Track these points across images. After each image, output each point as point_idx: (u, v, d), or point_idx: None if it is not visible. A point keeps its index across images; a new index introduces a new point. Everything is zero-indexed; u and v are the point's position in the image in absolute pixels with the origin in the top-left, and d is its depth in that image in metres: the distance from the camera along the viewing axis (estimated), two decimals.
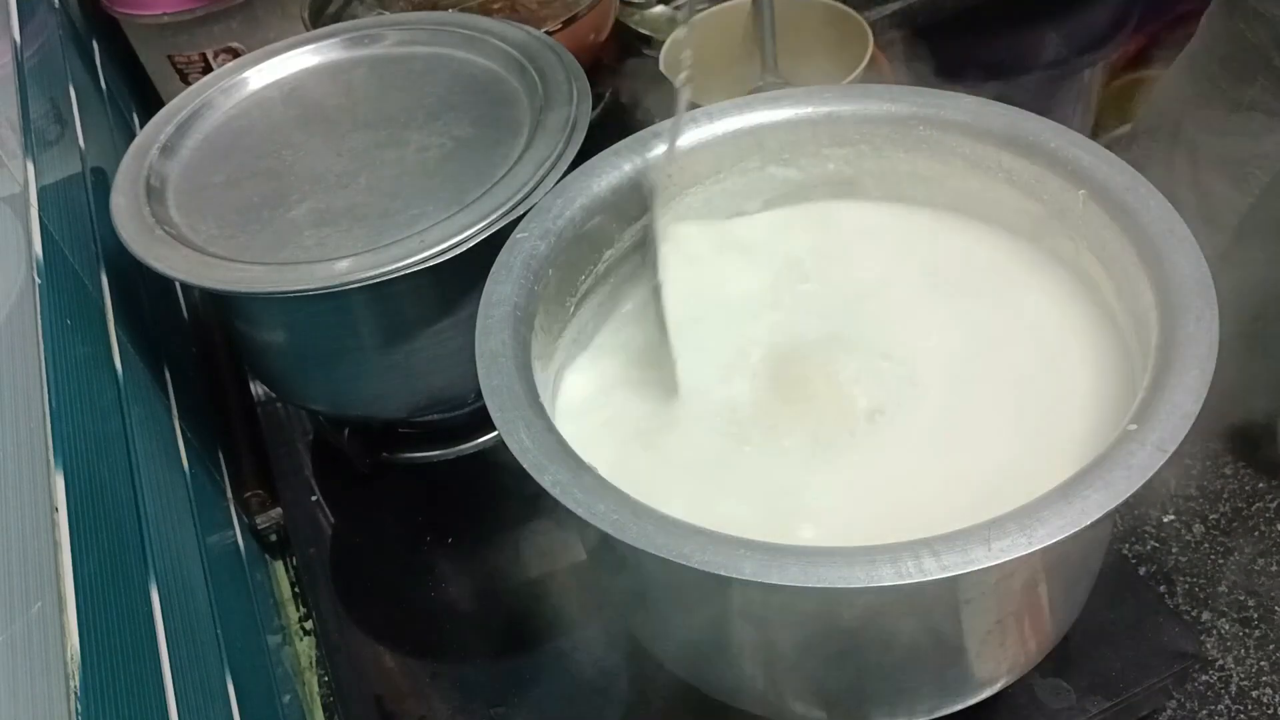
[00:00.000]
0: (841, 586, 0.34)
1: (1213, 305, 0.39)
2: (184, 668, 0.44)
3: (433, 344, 0.57)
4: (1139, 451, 0.36)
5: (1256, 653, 0.58)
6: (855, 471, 0.44)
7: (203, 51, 0.86)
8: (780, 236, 0.54)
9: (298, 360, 0.61)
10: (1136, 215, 0.44)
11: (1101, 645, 0.51)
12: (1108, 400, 0.44)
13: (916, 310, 0.50)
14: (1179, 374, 0.37)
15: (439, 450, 0.67)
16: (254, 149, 0.62)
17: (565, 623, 0.58)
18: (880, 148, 0.52)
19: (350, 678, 0.58)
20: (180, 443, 0.62)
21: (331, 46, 0.68)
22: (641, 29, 1.02)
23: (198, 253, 0.54)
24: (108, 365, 0.53)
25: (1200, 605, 0.61)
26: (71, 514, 0.39)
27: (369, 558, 0.64)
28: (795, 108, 0.52)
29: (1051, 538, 0.34)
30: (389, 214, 0.55)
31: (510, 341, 0.43)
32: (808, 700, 0.45)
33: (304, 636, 0.69)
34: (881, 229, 0.54)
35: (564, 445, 0.39)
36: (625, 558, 0.43)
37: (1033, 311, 0.49)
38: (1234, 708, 0.56)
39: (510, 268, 0.47)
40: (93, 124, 0.70)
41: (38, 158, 0.54)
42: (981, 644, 0.43)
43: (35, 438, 0.40)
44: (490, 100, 0.62)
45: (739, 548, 0.35)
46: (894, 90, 0.52)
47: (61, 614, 0.35)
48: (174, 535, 0.52)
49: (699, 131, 0.52)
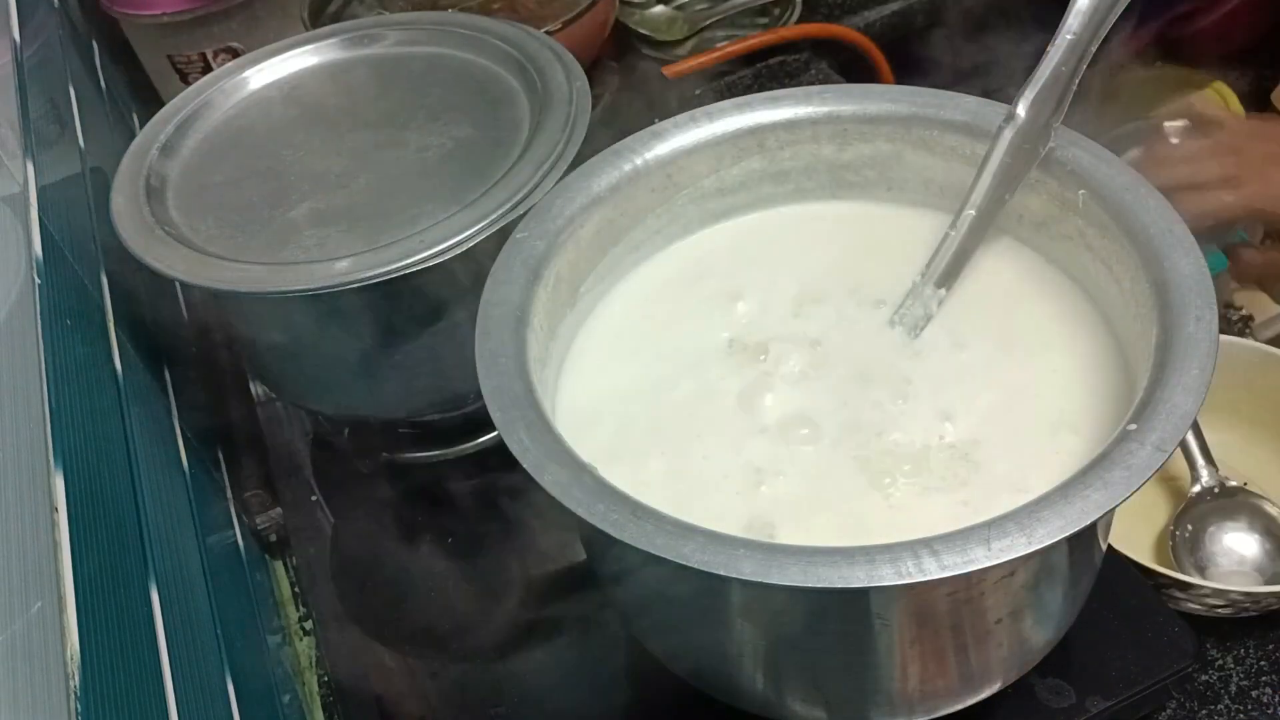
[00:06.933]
0: (841, 586, 0.34)
1: (1213, 305, 0.39)
2: (184, 668, 0.44)
3: (433, 344, 0.57)
4: (1139, 451, 0.36)
5: (1256, 653, 0.58)
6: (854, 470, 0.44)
7: (203, 51, 0.86)
8: (780, 237, 0.54)
9: (298, 360, 0.61)
10: (1136, 215, 0.44)
11: (1101, 645, 0.51)
12: (1108, 400, 0.44)
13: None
14: (1179, 374, 0.37)
15: (439, 450, 0.67)
16: (254, 149, 0.62)
17: (565, 623, 0.58)
18: (880, 147, 0.52)
19: (350, 678, 0.58)
20: (180, 443, 0.62)
21: (331, 46, 0.68)
22: (641, 29, 1.02)
23: (197, 252, 0.54)
24: (108, 365, 0.53)
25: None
26: (71, 514, 0.39)
27: (369, 558, 0.64)
28: (795, 108, 0.52)
29: (1051, 538, 0.34)
30: (389, 214, 0.55)
31: (510, 342, 0.43)
32: (807, 700, 0.45)
33: (304, 636, 0.69)
34: (881, 229, 0.54)
35: (564, 445, 0.39)
36: (625, 557, 0.43)
37: (1032, 311, 0.49)
38: (1234, 708, 0.56)
39: (510, 268, 0.47)
40: (93, 124, 0.70)
41: (37, 157, 0.54)
42: (981, 644, 0.43)
43: (35, 438, 0.40)
44: (490, 100, 0.62)
45: (738, 548, 0.35)
46: (894, 90, 0.52)
47: (61, 614, 0.35)
48: (174, 535, 0.52)
49: (699, 131, 0.52)
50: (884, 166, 0.53)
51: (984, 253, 0.50)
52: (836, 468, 0.44)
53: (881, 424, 0.45)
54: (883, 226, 0.54)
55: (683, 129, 0.52)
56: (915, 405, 0.46)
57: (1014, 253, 0.51)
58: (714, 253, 0.54)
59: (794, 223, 0.55)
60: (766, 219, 0.55)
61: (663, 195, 0.52)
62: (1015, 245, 0.51)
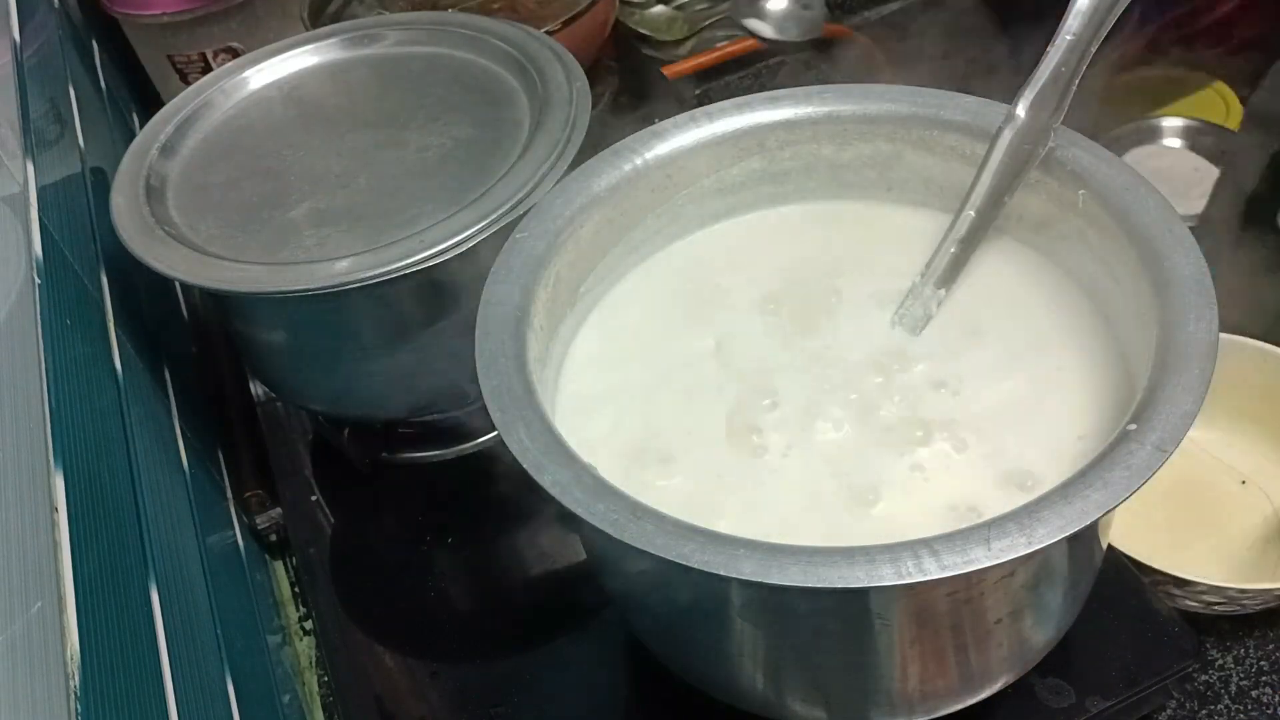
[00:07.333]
0: (841, 586, 0.34)
1: (1213, 305, 0.39)
2: (184, 668, 0.44)
3: (433, 344, 0.57)
4: (1139, 451, 0.36)
5: (1256, 653, 0.58)
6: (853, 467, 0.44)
7: (202, 51, 0.86)
8: (779, 237, 0.54)
9: (298, 360, 0.61)
10: (1136, 215, 0.44)
11: (1101, 645, 0.51)
12: (1108, 400, 0.44)
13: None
14: (1179, 374, 0.37)
15: (439, 450, 0.67)
16: (254, 149, 0.62)
17: (565, 623, 0.58)
18: (880, 147, 0.52)
19: (350, 678, 0.58)
20: (180, 443, 0.62)
21: (331, 46, 0.68)
22: (641, 29, 1.02)
23: (197, 252, 0.54)
24: (108, 365, 0.53)
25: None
26: (71, 514, 0.39)
27: (369, 558, 0.64)
28: (795, 108, 0.52)
29: (1051, 538, 0.34)
30: (389, 214, 0.55)
31: (510, 342, 0.43)
32: (807, 700, 0.45)
33: (304, 636, 0.69)
34: (881, 229, 0.54)
35: (563, 445, 0.39)
36: (625, 557, 0.43)
37: (1032, 311, 0.49)
38: (1234, 708, 0.56)
39: (510, 268, 0.47)
40: (92, 124, 0.70)
41: (37, 157, 0.54)
42: (981, 644, 0.43)
43: (35, 438, 0.40)
44: (490, 100, 0.62)
45: (738, 548, 0.35)
46: (894, 90, 0.52)
47: (61, 614, 0.35)
48: (174, 535, 0.52)
49: (699, 131, 0.52)
50: (884, 166, 0.53)
51: (984, 253, 0.50)
52: (835, 467, 0.44)
53: (880, 423, 0.45)
54: (883, 226, 0.54)
55: (683, 129, 0.52)
56: (915, 405, 0.46)
57: (1014, 253, 0.51)
58: (714, 253, 0.54)
59: (794, 223, 0.55)
60: (766, 219, 0.55)
61: (663, 195, 0.52)
62: (1015, 245, 0.51)
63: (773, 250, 0.54)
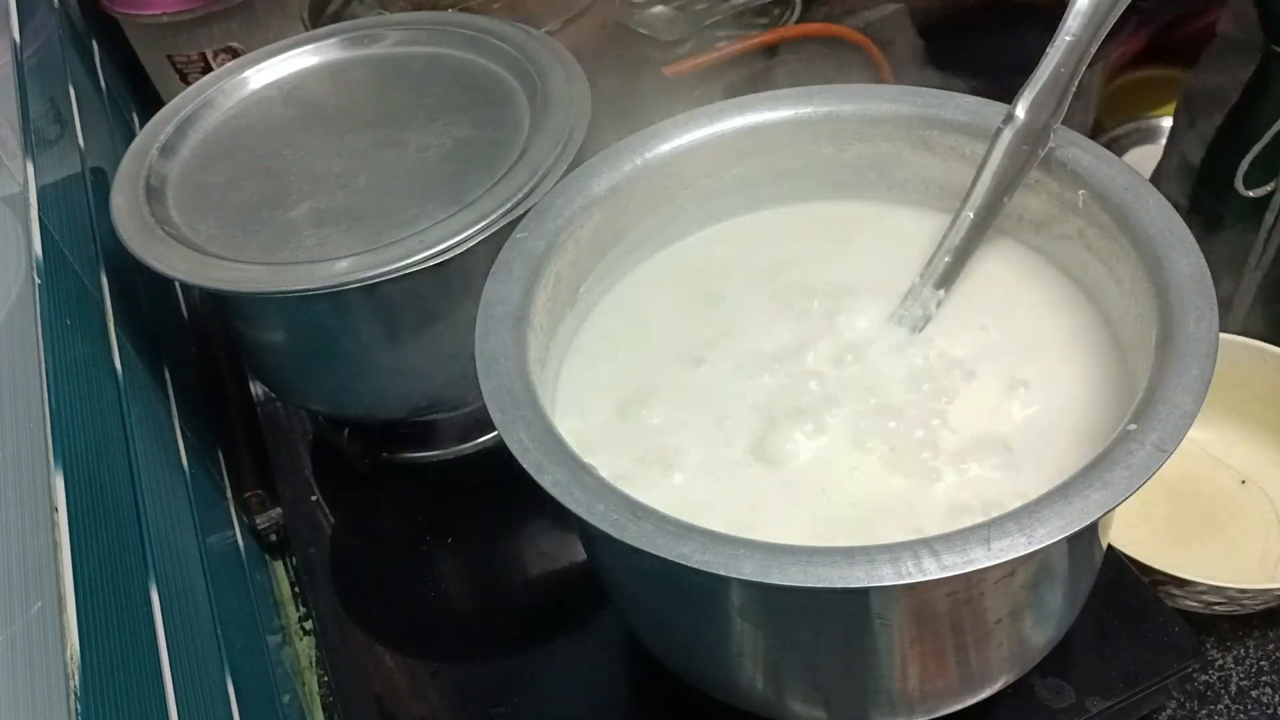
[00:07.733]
0: (841, 586, 0.34)
1: (1213, 305, 0.39)
2: (184, 667, 0.44)
3: (433, 344, 0.57)
4: (1139, 451, 0.36)
5: (1256, 653, 0.58)
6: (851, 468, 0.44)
7: (202, 51, 0.86)
8: (780, 237, 0.54)
9: (298, 360, 0.61)
10: (1136, 215, 0.44)
11: (1101, 645, 0.51)
12: (1108, 400, 0.44)
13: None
14: (1179, 374, 0.38)
15: (439, 450, 0.67)
16: (254, 149, 0.62)
17: (565, 623, 0.58)
18: (880, 147, 0.52)
19: (350, 678, 0.58)
20: (180, 443, 0.62)
21: (331, 46, 0.68)
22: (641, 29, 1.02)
23: (197, 252, 0.54)
24: (108, 365, 0.53)
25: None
26: (71, 514, 0.39)
27: (369, 558, 0.64)
28: (795, 107, 0.52)
29: (1051, 538, 0.34)
30: (389, 214, 0.55)
31: (510, 342, 0.43)
32: (807, 700, 0.45)
33: (304, 636, 0.69)
34: (881, 229, 0.54)
35: (564, 445, 0.39)
36: (625, 557, 0.43)
37: (1031, 311, 0.49)
38: (1234, 707, 0.56)
39: (510, 268, 0.47)
40: (92, 124, 0.70)
41: (37, 157, 0.54)
42: (981, 644, 0.43)
43: (35, 438, 0.40)
44: (490, 100, 0.62)
45: (738, 548, 0.35)
46: (894, 90, 0.52)
47: (61, 614, 0.35)
48: (174, 535, 0.52)
49: (699, 131, 0.52)
50: (884, 166, 0.53)
51: (984, 253, 0.50)
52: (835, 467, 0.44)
53: (880, 423, 0.45)
54: (882, 226, 0.54)
55: (683, 129, 0.52)
56: (914, 405, 0.46)
57: (1014, 253, 0.51)
58: (714, 253, 0.54)
59: (794, 223, 0.55)
60: (766, 219, 0.55)
61: (663, 195, 0.52)
62: (1015, 246, 0.51)
63: (773, 250, 0.54)
